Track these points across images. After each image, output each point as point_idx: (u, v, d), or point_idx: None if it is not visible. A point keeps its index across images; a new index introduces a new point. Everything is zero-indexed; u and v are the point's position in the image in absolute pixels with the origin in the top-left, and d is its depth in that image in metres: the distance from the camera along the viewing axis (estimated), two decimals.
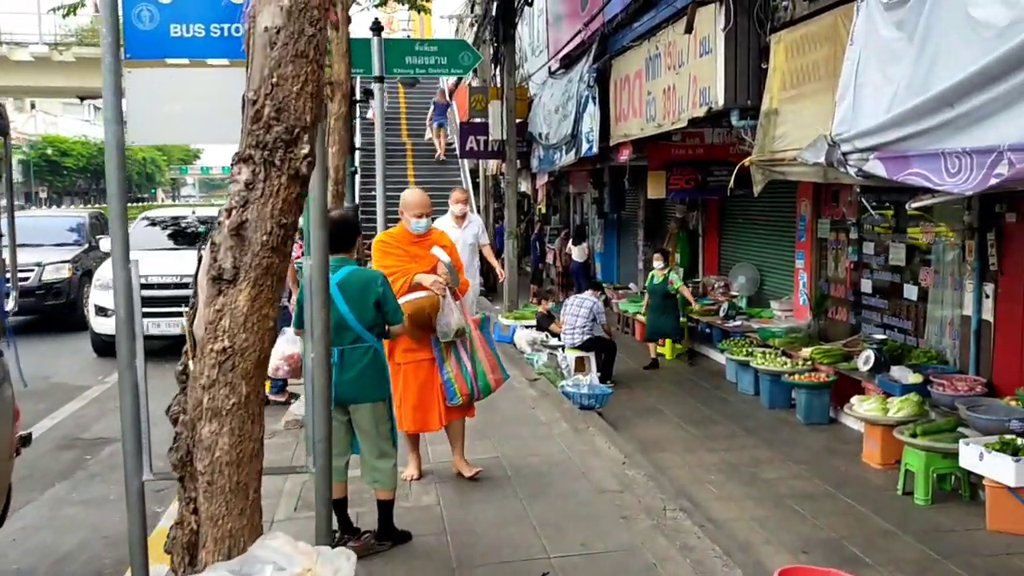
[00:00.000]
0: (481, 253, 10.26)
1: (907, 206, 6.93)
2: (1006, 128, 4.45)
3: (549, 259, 20.31)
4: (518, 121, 15.27)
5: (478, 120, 16.01)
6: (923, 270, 9.28)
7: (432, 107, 23.35)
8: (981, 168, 4.62)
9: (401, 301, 5.28)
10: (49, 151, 61.22)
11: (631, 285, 18.25)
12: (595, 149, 11.26)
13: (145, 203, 61.43)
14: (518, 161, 15.50)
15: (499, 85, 14.85)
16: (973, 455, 6.33)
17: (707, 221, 15.66)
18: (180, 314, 8.10)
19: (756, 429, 9.06)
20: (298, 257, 4.75)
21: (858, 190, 10.30)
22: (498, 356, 6.36)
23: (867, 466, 7.82)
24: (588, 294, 11.01)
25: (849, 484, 7.33)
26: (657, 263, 12.52)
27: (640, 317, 14.18)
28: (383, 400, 5.06)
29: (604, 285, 14.05)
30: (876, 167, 5.61)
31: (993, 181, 4.48)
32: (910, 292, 9.54)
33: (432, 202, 6.12)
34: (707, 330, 13.44)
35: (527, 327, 11.65)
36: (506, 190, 14.93)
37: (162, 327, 11.51)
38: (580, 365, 11.14)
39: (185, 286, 10.43)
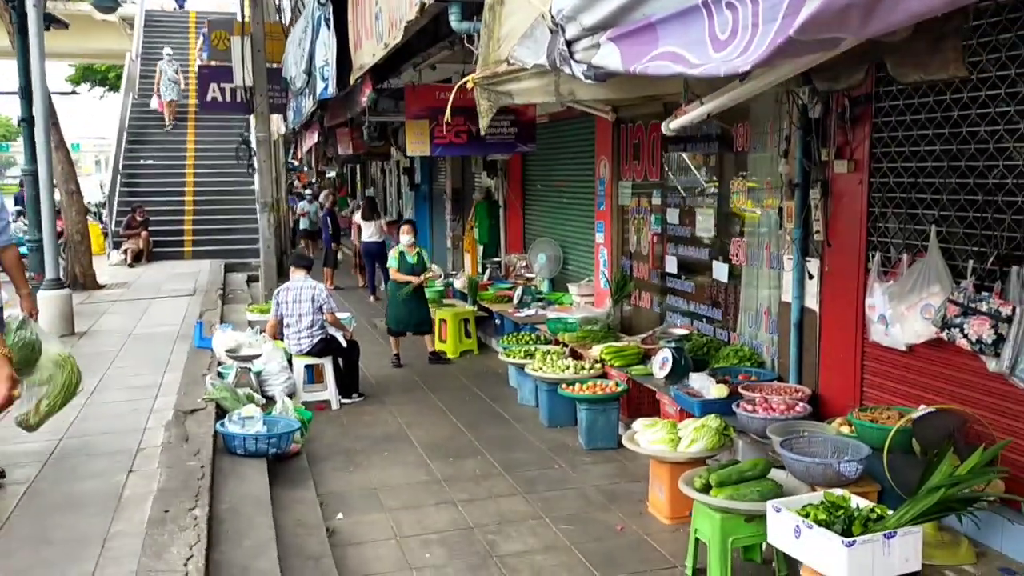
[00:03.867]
0: None
1: (663, 126, 4.65)
2: None
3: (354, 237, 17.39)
4: (273, 66, 12.34)
5: (222, 64, 12.91)
6: (735, 242, 7.08)
7: (159, 72, 20.52)
8: (771, 19, 2.21)
9: None
10: None
11: (433, 267, 15.66)
12: (331, 89, 8.53)
13: None
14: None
15: (243, 19, 11.82)
16: (786, 528, 4.05)
17: (509, 189, 13.24)
18: None
19: (521, 463, 6.63)
20: None
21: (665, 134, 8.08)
22: None
23: (653, 521, 5.51)
24: (303, 277, 8.28)
25: (621, 556, 4.98)
26: (405, 237, 9.94)
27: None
28: None
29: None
30: (609, 55, 3.15)
31: (791, 34, 2.08)
32: (720, 271, 7.34)
33: None
34: (499, 321, 11.00)
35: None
36: (257, 151, 11.98)
37: None
38: (319, 376, 8.47)
39: None
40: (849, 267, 5.59)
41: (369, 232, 15.55)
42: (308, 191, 22.95)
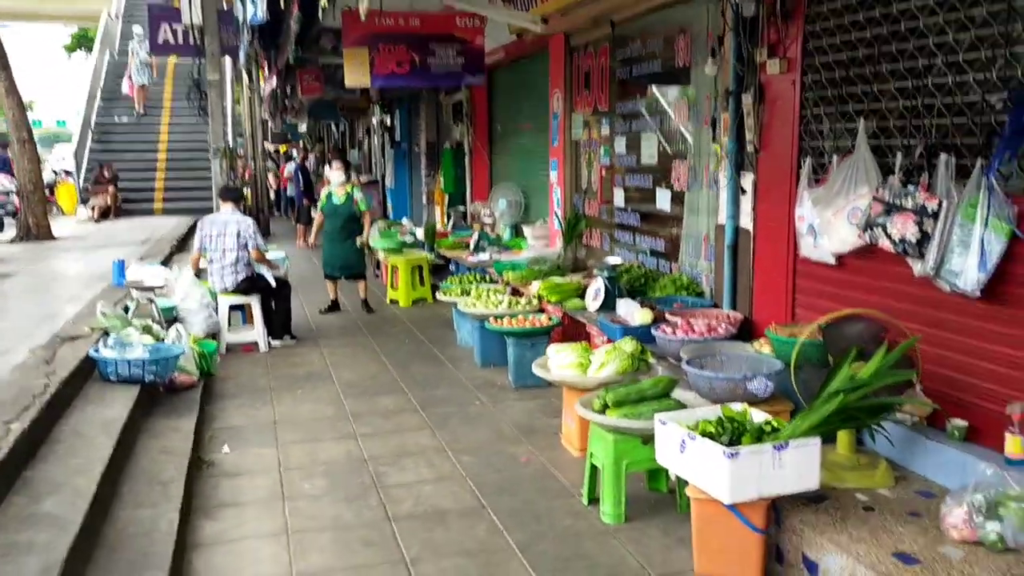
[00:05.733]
0: None
1: None
2: None
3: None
4: (225, 7, 11.80)
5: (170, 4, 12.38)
6: (676, 166, 6.59)
7: (131, 53, 19.72)
8: None
9: None
10: None
11: (403, 220, 15.19)
12: (260, 14, 8.00)
13: None
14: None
15: None
16: (672, 443, 3.60)
17: (475, 135, 12.73)
18: None
19: (440, 400, 6.20)
20: None
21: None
22: None
23: (564, 453, 5.07)
24: (230, 210, 7.80)
25: (517, 486, 4.54)
26: (336, 175, 9.41)
27: (381, 254, 11.17)
28: None
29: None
30: None
31: None
32: (663, 199, 6.85)
33: None
34: (454, 268, 10.54)
35: None
36: (209, 93, 11.49)
37: None
38: (251, 317, 8.03)
39: None
40: (782, 178, 5.09)
41: None
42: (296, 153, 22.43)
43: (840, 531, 3.38)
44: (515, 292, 7.86)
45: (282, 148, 26.50)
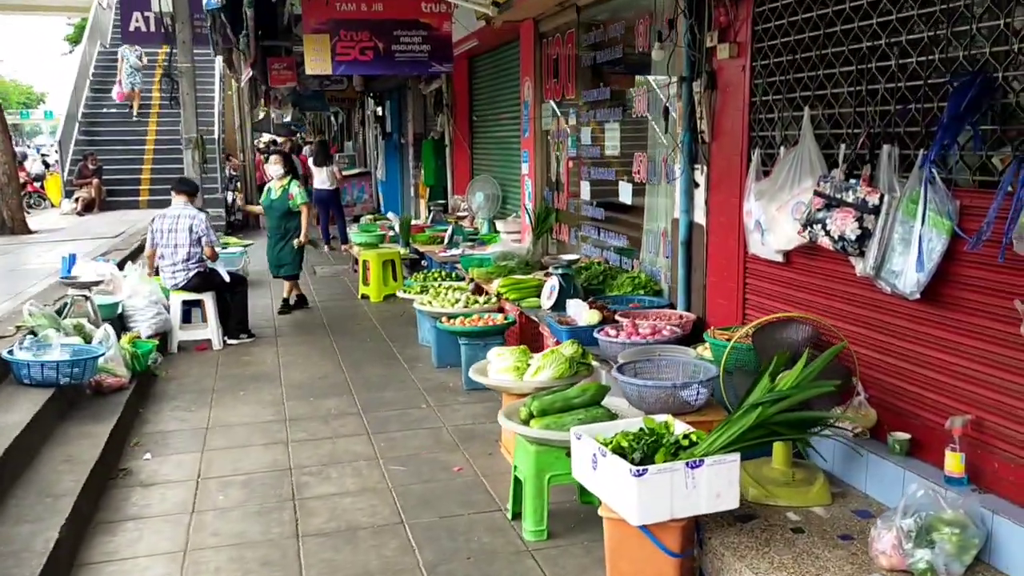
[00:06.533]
0: None
1: None
2: None
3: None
4: None
5: None
6: (637, 158, 6.29)
7: (120, 59, 19.30)
8: None
9: None
10: None
11: (389, 214, 14.92)
12: None
13: None
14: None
15: None
16: (586, 457, 3.32)
17: (455, 126, 12.44)
18: None
19: (386, 403, 5.94)
20: None
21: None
22: None
23: (500, 462, 4.80)
24: (183, 203, 7.52)
25: (441, 499, 4.28)
26: (274, 168, 9.06)
27: (355, 249, 10.91)
28: None
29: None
30: None
31: None
32: (625, 192, 6.56)
33: None
34: (426, 263, 10.27)
35: None
36: (181, 82, 11.24)
37: None
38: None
39: None
40: (733, 170, 4.80)
41: (321, 179, 14.75)
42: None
43: (762, 556, 3.09)
44: (478, 290, 7.58)
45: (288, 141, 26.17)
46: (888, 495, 3.45)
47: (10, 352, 4.87)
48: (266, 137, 31.51)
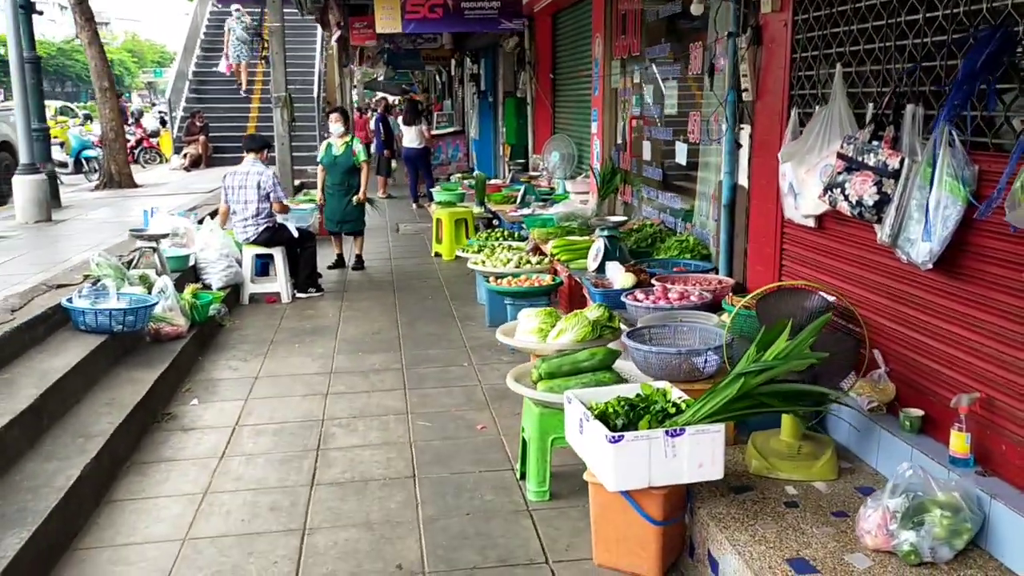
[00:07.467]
0: None
1: None
2: None
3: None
4: None
5: None
6: (691, 117, 6.11)
7: (227, 31, 19.11)
8: None
9: None
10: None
11: (477, 173, 14.98)
12: None
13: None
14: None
15: None
16: (574, 419, 3.31)
17: (538, 84, 12.32)
18: None
19: (430, 360, 6.04)
20: None
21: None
22: None
23: None
24: (251, 160, 7.76)
25: (458, 455, 4.34)
26: (335, 126, 9.08)
27: (434, 207, 11.04)
28: None
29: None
30: None
31: None
32: (681, 153, 6.39)
33: None
34: (498, 222, 10.29)
35: None
36: (271, 41, 11.54)
37: None
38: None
39: None
40: (774, 131, 4.60)
41: (409, 137, 14.98)
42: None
43: (744, 528, 3.02)
44: (536, 250, 7.56)
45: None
46: (895, 472, 3.29)
47: (69, 300, 5.18)
48: (378, 95, 31.96)
